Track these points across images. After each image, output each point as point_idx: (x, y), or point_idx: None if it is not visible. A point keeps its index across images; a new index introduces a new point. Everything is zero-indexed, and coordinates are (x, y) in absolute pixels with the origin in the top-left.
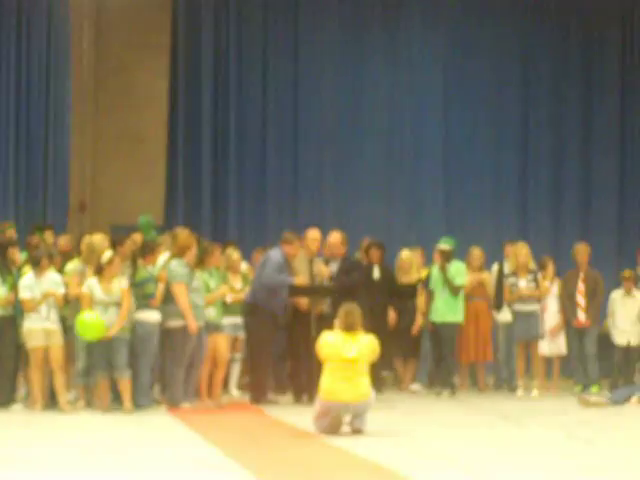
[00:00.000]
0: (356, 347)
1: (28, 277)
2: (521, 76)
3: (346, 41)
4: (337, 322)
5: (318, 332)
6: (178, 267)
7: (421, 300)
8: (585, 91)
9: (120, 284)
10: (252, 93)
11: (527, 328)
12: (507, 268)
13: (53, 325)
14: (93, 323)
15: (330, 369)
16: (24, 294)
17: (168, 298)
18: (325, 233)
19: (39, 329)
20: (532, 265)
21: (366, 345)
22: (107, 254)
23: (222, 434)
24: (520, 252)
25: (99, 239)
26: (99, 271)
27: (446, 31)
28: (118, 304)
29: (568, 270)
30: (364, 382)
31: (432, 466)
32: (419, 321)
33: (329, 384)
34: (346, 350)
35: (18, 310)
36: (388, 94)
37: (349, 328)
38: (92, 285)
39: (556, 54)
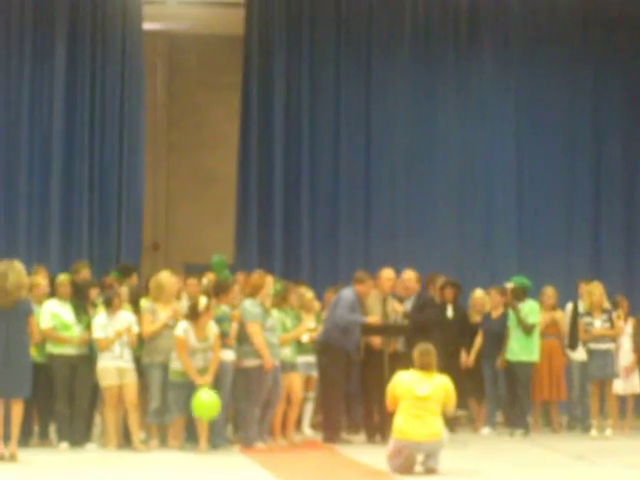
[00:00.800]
0: (430, 386)
1: (101, 317)
2: (593, 107)
3: (418, 89)
4: (414, 361)
5: (391, 371)
6: (252, 307)
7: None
8: None
9: (213, 330)
10: (324, 135)
11: (602, 367)
12: (581, 307)
13: (127, 364)
14: (210, 403)
15: (403, 408)
16: (97, 333)
17: (243, 338)
18: (398, 273)
19: (113, 368)
20: (606, 304)
21: (440, 385)
22: (203, 300)
23: (295, 473)
24: (594, 291)
25: (166, 276)
26: (194, 317)
27: (516, 59)
28: (206, 349)
29: None
30: (437, 421)
31: None
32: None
33: (402, 423)
34: (420, 388)
35: (93, 349)
36: (459, 135)
37: (424, 367)
38: (187, 330)
39: (628, 80)
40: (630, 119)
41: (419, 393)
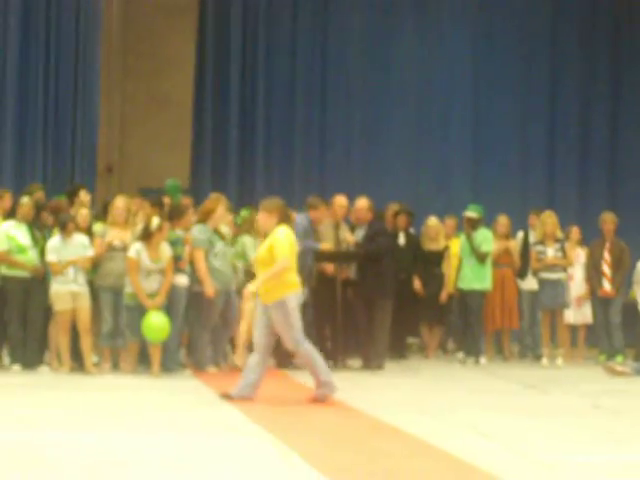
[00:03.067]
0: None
1: (55, 240)
2: (551, 43)
3: (378, 15)
4: None
5: (343, 298)
6: (199, 232)
7: (448, 268)
8: (614, 55)
9: (166, 251)
10: (280, 56)
11: (553, 296)
12: (532, 237)
13: (80, 288)
14: (160, 325)
15: None
16: (51, 257)
17: (191, 262)
18: (352, 200)
19: (66, 292)
20: (559, 234)
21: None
22: (155, 220)
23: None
24: (547, 221)
25: (121, 200)
26: (147, 237)
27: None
28: (161, 271)
29: (594, 239)
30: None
31: (455, 433)
32: (448, 288)
33: None
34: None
35: (47, 273)
36: (418, 64)
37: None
38: (140, 251)
39: (584, 13)
40: (586, 43)
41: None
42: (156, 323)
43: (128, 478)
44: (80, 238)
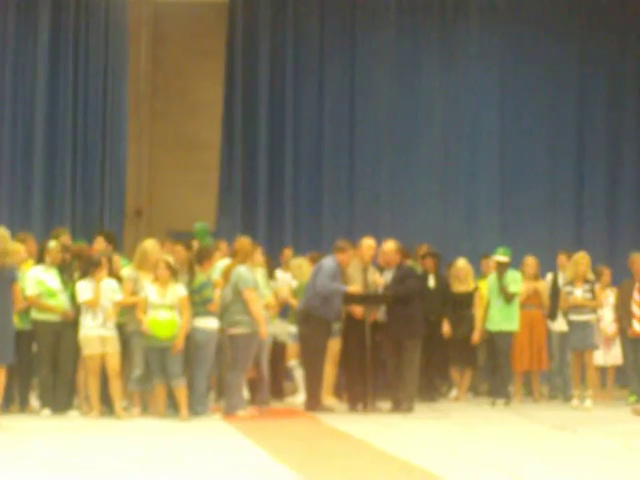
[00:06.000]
0: None
1: (84, 283)
2: (578, 81)
3: (402, 47)
4: None
5: (372, 341)
6: (247, 273)
7: (478, 309)
8: None
9: (179, 292)
10: (309, 100)
11: (582, 338)
12: (562, 278)
13: (109, 332)
14: (167, 321)
15: None
16: (85, 295)
17: (230, 305)
18: (380, 242)
19: (95, 336)
20: (590, 275)
21: None
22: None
23: (276, 441)
24: (581, 262)
25: (151, 244)
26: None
27: (502, 32)
28: (171, 308)
29: (624, 280)
30: None
31: (485, 475)
32: (478, 330)
33: None
34: None
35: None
36: (444, 105)
37: None
38: (148, 288)
39: (613, 56)
40: (615, 85)
41: None
42: (164, 319)
43: None
44: (109, 282)
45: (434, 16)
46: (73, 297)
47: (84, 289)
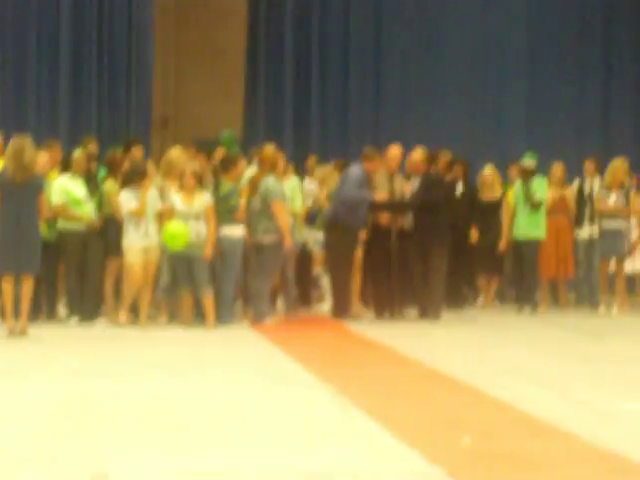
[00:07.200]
0: None
1: (127, 192)
2: None
3: None
4: None
5: (398, 249)
6: (275, 184)
7: (505, 217)
8: None
9: (205, 200)
10: (334, 8)
11: (612, 245)
12: (588, 185)
13: (153, 241)
14: (179, 231)
15: None
16: (131, 204)
17: (260, 214)
18: (407, 151)
19: (139, 246)
20: (627, 182)
21: None
22: (189, 166)
23: (303, 348)
24: (620, 167)
25: (177, 154)
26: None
27: None
28: (197, 217)
29: None
30: None
31: (513, 381)
32: (505, 238)
33: None
34: None
35: (106, 225)
36: (472, 8)
37: None
38: (173, 197)
39: None
40: None
41: None
42: (175, 228)
43: (184, 426)
44: (151, 192)
45: None
46: (99, 206)
47: (128, 198)
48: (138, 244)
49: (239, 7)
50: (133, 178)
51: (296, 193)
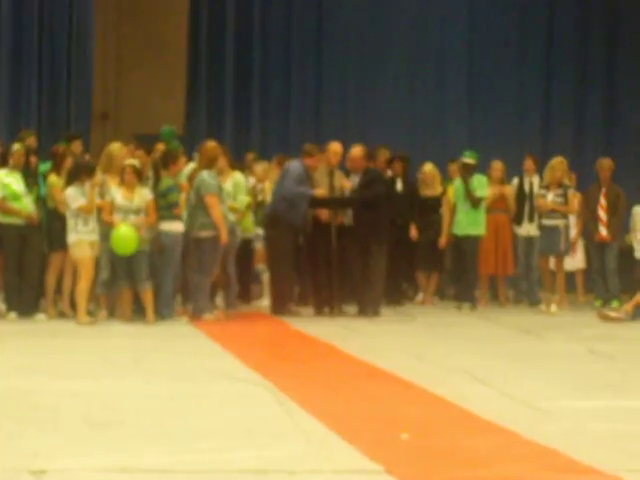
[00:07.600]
0: None
1: (73, 189)
2: None
3: None
4: None
5: (338, 245)
6: (210, 178)
7: (445, 214)
8: (612, 4)
9: (145, 196)
10: (276, 5)
11: (550, 243)
12: (527, 183)
13: (97, 237)
14: (128, 236)
15: None
16: (79, 201)
17: (196, 209)
18: (347, 147)
19: (87, 241)
20: (566, 181)
21: None
22: (129, 161)
23: (242, 343)
24: (558, 167)
25: (117, 148)
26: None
27: None
28: (137, 212)
29: (590, 185)
30: None
31: (452, 378)
32: (445, 234)
33: None
34: None
35: (43, 220)
36: (413, 6)
37: None
38: (114, 192)
39: None
40: None
41: None
42: (124, 233)
43: (124, 424)
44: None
45: None
46: (37, 200)
47: (75, 195)
48: (86, 239)
49: (181, 2)
50: (79, 174)
51: (239, 189)
